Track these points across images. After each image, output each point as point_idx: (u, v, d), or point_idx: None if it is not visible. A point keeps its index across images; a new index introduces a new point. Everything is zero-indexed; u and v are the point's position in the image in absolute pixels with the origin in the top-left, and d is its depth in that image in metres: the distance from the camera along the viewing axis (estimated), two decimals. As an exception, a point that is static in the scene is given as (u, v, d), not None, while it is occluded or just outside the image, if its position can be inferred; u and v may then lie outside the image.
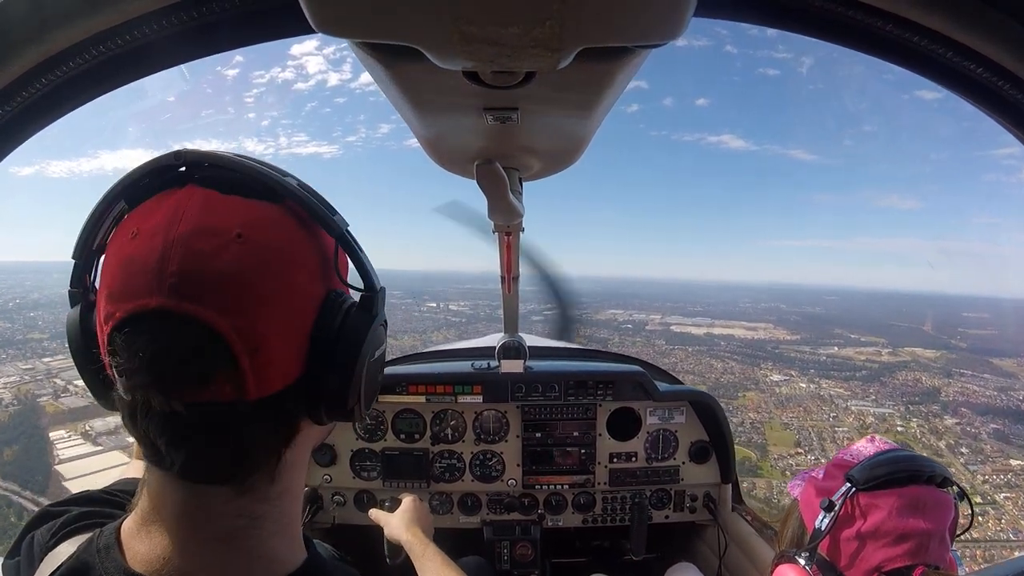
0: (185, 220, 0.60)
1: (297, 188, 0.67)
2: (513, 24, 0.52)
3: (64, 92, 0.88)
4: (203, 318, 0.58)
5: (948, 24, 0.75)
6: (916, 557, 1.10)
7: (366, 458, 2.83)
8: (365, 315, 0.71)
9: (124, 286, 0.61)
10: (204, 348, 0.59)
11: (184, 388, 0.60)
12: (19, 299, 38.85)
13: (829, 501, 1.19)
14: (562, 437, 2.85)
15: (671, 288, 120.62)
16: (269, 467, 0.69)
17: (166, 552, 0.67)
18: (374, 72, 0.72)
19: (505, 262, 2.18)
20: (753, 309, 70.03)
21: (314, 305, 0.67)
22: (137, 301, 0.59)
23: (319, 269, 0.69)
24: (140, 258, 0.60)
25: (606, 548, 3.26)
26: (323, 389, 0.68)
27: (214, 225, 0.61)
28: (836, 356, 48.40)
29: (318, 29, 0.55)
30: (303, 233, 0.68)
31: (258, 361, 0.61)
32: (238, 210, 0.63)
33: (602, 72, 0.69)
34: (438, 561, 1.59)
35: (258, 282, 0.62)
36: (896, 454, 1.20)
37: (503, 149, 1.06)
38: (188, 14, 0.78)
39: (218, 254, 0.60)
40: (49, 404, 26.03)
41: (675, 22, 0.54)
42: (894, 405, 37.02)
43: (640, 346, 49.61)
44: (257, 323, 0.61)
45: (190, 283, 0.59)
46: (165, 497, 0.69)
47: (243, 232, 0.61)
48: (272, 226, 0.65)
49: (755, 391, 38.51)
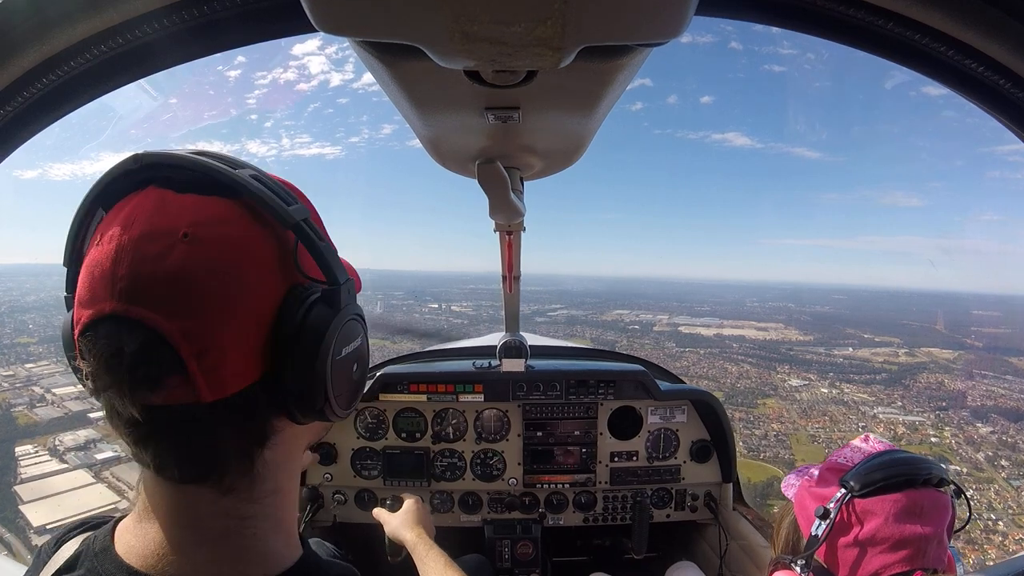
0: (136, 223, 0.61)
1: (248, 180, 0.65)
2: (515, 23, 0.51)
3: (65, 92, 0.88)
4: (149, 322, 0.59)
5: (948, 22, 0.75)
6: (914, 562, 1.10)
7: (367, 457, 2.84)
8: (327, 309, 0.69)
9: (88, 292, 0.62)
10: (152, 352, 0.59)
11: (138, 392, 0.60)
12: (13, 302, 38.63)
13: (824, 509, 1.18)
14: (563, 436, 2.85)
15: (676, 287, 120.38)
16: (244, 467, 0.69)
17: (160, 549, 0.68)
18: (375, 71, 0.72)
19: (506, 261, 2.18)
20: (762, 308, 69.74)
21: (272, 302, 0.66)
22: (96, 306, 0.60)
23: (277, 264, 0.67)
24: (99, 263, 0.61)
25: (607, 547, 3.27)
26: (286, 388, 0.67)
27: (162, 227, 0.61)
28: (853, 358, 47.77)
29: (319, 28, 0.55)
30: (258, 227, 0.66)
31: (207, 363, 0.60)
32: (189, 209, 0.63)
33: (603, 71, 0.69)
34: (441, 562, 1.60)
35: (206, 283, 0.61)
36: (891, 457, 1.19)
37: (504, 148, 1.06)
38: (188, 13, 0.79)
39: (164, 256, 0.60)
40: (22, 415, 25.68)
41: (676, 21, 0.54)
42: (922, 412, 36.05)
43: (649, 349, 48.80)
44: (206, 324, 0.61)
45: (137, 287, 0.59)
46: (156, 496, 0.69)
47: (191, 231, 0.61)
48: (223, 223, 0.64)
49: (774, 398, 37.68)
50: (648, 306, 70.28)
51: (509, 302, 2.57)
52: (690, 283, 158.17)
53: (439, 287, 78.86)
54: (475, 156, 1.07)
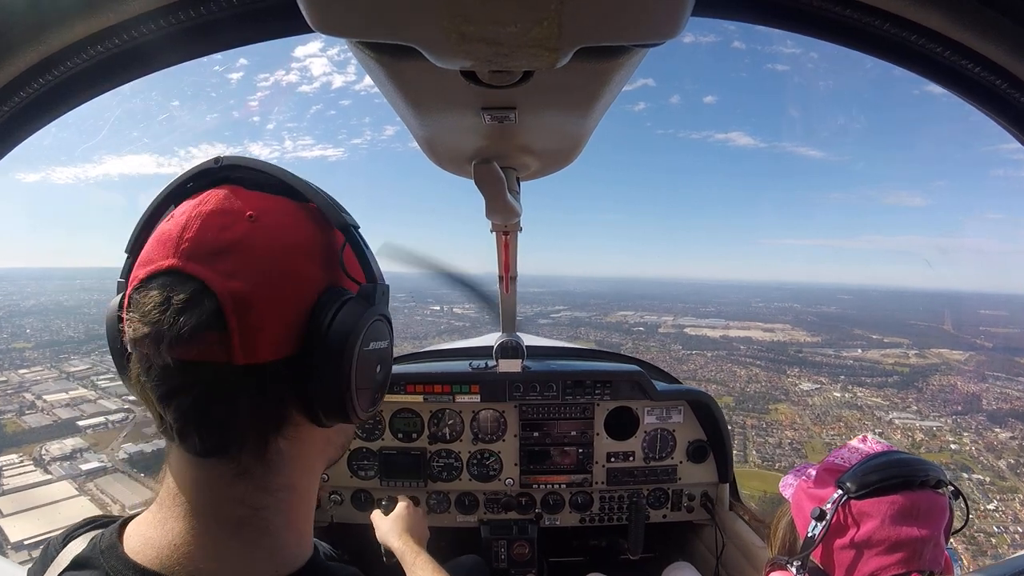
0: (208, 203, 0.69)
1: (311, 186, 0.75)
2: (511, 23, 0.52)
3: (63, 92, 0.87)
4: (203, 276, 0.65)
5: (946, 23, 0.76)
6: (910, 564, 1.10)
7: (363, 457, 2.83)
8: (360, 306, 0.73)
9: (150, 253, 0.68)
10: (198, 303, 0.64)
11: (176, 341, 0.64)
12: (12, 306, 38.18)
13: (820, 510, 1.18)
14: (560, 436, 2.85)
15: (680, 288, 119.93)
16: (256, 447, 0.71)
17: (176, 539, 0.69)
18: (371, 71, 0.72)
19: (503, 262, 2.18)
20: (767, 309, 69.37)
21: (313, 291, 0.71)
22: (155, 263, 0.67)
23: (322, 259, 0.74)
24: (168, 232, 0.68)
25: (603, 547, 3.27)
26: (310, 374, 0.70)
27: (232, 207, 0.69)
28: (863, 360, 47.27)
29: (315, 28, 0.55)
30: (312, 225, 0.74)
31: (247, 327, 0.65)
32: (257, 199, 0.71)
33: (600, 71, 0.69)
34: (428, 570, 1.59)
35: (261, 256, 0.67)
36: (888, 458, 1.19)
37: (501, 148, 1.06)
38: (185, 14, 0.78)
39: (229, 227, 0.67)
40: (11, 422, 25.53)
41: (673, 21, 0.54)
42: (939, 416, 35.31)
43: (656, 352, 48.08)
44: (254, 293, 0.66)
45: (200, 248, 0.66)
46: (179, 474, 0.72)
47: (255, 214, 0.69)
48: (284, 214, 0.72)
49: (786, 403, 37.00)
50: (652, 307, 69.96)
51: (506, 302, 2.57)
52: (693, 283, 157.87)
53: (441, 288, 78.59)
54: (471, 156, 1.07)
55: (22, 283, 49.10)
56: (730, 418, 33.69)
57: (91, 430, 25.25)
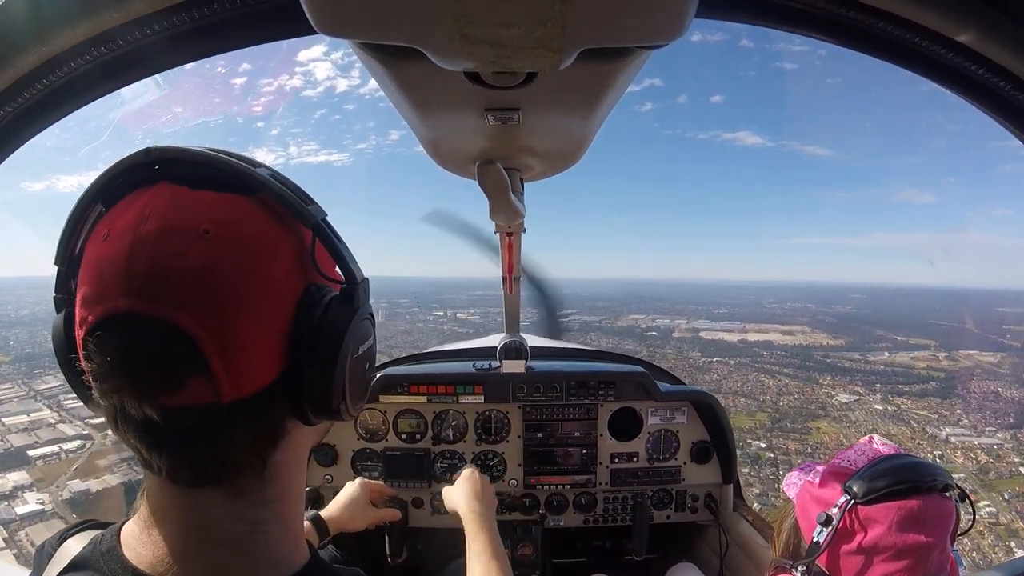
0: (152, 218, 0.59)
1: (268, 179, 0.65)
2: (515, 24, 0.52)
3: (65, 93, 0.88)
4: (171, 319, 0.57)
5: (948, 24, 0.75)
6: (915, 571, 1.10)
7: (367, 458, 2.83)
8: (346, 308, 0.69)
9: (95, 289, 0.60)
10: (173, 351, 0.58)
11: (156, 392, 0.59)
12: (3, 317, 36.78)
13: (827, 516, 1.17)
14: (563, 437, 2.85)
15: (690, 289, 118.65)
16: (256, 469, 0.68)
17: (169, 556, 0.67)
18: (375, 73, 0.72)
19: (506, 262, 2.18)
20: (781, 310, 67.90)
21: (291, 301, 0.65)
22: (107, 304, 0.58)
23: (295, 263, 0.67)
24: (109, 260, 0.59)
25: (607, 548, 3.26)
26: (304, 387, 0.66)
27: (180, 223, 0.59)
28: (893, 364, 45.30)
29: (319, 30, 0.55)
30: (276, 226, 0.66)
31: (230, 362, 0.60)
32: (207, 205, 0.62)
33: (603, 72, 0.69)
34: (489, 550, 1.54)
35: (227, 280, 0.60)
36: (896, 462, 1.18)
37: (504, 150, 1.06)
38: (189, 15, 0.78)
39: (185, 253, 0.58)
40: None
41: (676, 22, 0.54)
42: (993, 431, 31.88)
43: (673, 359, 45.40)
44: (228, 323, 0.59)
45: (157, 284, 0.57)
46: (163, 503, 0.68)
47: (211, 228, 0.60)
48: (242, 220, 0.63)
49: (825, 419, 33.84)
50: (663, 309, 68.54)
51: (509, 303, 2.57)
52: (702, 284, 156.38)
53: (445, 293, 77.71)
54: (475, 158, 1.08)
55: (20, 292, 48.22)
56: (769, 443, 30.76)
57: (41, 461, 22.71)
